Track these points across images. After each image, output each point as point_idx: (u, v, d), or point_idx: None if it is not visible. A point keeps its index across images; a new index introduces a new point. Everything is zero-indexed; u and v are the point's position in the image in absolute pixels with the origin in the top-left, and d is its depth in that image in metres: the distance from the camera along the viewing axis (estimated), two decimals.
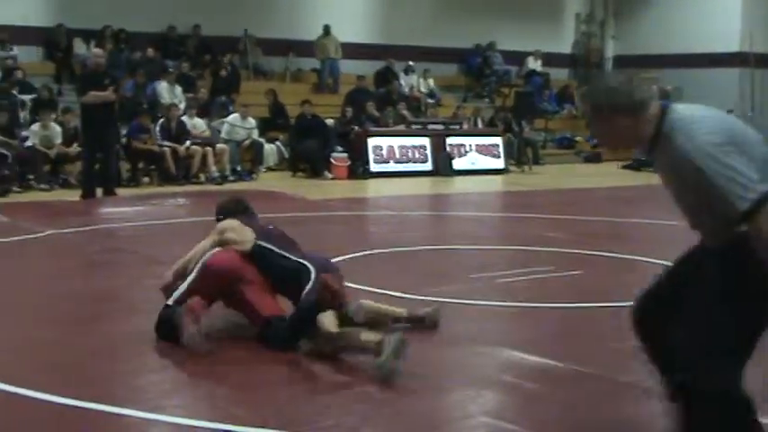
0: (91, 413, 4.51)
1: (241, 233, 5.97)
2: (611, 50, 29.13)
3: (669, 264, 3.91)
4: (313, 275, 5.61)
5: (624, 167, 21.87)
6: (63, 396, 4.66)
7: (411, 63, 23.84)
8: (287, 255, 5.82)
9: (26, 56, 19.79)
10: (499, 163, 20.40)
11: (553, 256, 9.38)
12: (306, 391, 5.02)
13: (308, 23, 23.02)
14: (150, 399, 4.80)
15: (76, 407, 4.56)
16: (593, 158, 23.51)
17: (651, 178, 20.01)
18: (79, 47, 20.07)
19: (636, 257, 9.16)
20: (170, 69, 19.91)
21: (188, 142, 16.94)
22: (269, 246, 5.88)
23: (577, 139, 24.67)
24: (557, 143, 24.58)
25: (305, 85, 23.06)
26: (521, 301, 7.17)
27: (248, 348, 5.73)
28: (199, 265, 5.82)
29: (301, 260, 5.76)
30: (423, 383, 5.06)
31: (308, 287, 5.55)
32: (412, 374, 4.95)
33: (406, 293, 7.12)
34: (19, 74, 18.35)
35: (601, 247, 9.69)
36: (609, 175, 20.37)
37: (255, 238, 5.91)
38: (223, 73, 20.69)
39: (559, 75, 27.59)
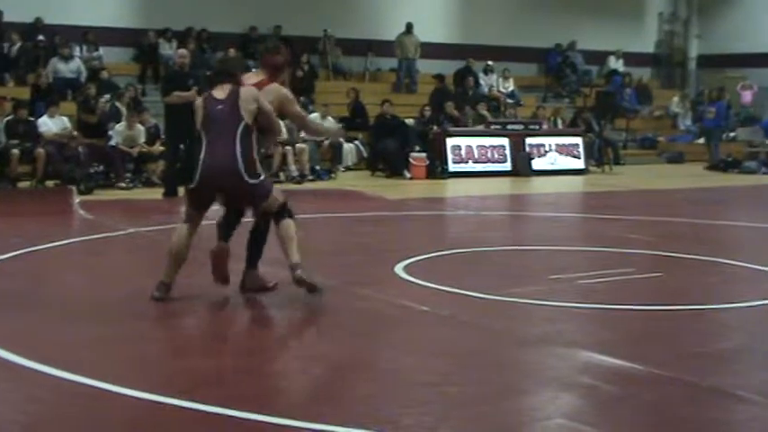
0: (169, 409, 4.57)
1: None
2: (694, 50, 28.67)
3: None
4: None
5: (708, 168, 21.53)
6: (144, 391, 4.72)
7: (490, 63, 23.74)
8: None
9: (113, 56, 20.18)
10: (579, 163, 20.23)
11: (633, 257, 9.28)
12: (386, 390, 5.03)
13: (388, 23, 23.10)
14: (228, 395, 4.83)
15: (157, 402, 4.62)
16: (676, 159, 23.17)
17: (736, 180, 19.50)
18: (164, 47, 20.42)
19: (718, 260, 9.02)
20: (252, 69, 20.05)
21: None
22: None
23: (659, 139, 24.35)
24: (638, 143, 24.29)
25: (384, 84, 23.13)
26: (600, 303, 7.10)
27: (321, 345, 5.76)
28: None
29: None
30: (500, 385, 5.04)
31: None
32: (490, 375, 4.93)
33: (483, 294, 7.10)
34: (104, 74, 18.69)
35: (682, 249, 9.54)
36: (692, 176, 20.05)
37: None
38: (299, 73, 20.82)
39: (641, 74, 27.24)
